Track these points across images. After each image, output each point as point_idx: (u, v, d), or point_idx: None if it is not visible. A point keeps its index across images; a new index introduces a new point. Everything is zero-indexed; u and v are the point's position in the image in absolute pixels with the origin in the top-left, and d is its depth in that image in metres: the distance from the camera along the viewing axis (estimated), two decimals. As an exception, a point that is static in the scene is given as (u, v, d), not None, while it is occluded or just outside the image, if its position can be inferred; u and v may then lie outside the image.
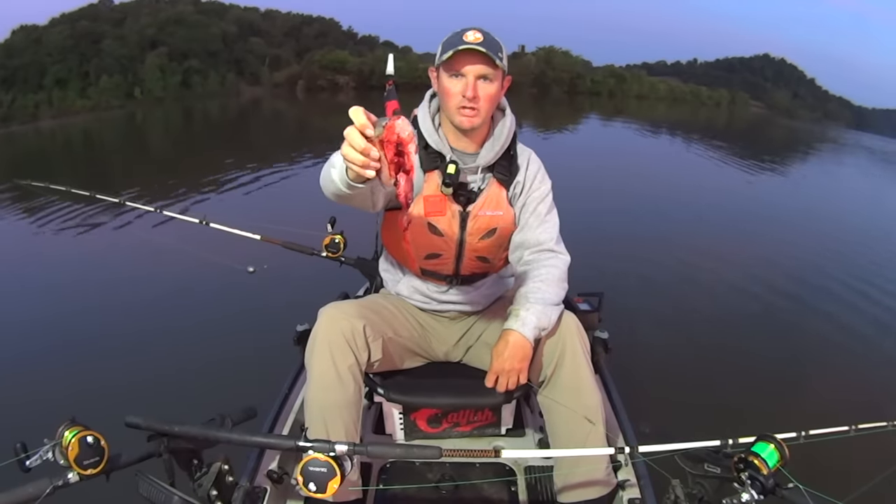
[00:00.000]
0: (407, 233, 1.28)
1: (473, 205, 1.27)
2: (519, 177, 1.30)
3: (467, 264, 1.34)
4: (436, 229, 1.28)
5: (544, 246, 1.31)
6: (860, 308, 4.22)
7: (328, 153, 1.07)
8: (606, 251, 4.67)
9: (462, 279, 1.37)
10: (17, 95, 23.00)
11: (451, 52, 1.14)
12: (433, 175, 1.25)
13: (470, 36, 1.14)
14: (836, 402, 2.74)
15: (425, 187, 1.26)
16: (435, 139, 1.25)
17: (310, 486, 0.81)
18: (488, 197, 1.28)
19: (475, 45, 1.13)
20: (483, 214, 1.28)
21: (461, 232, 1.29)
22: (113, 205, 2.35)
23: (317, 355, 1.21)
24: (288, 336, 1.56)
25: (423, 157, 1.25)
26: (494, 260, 1.37)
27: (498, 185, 1.28)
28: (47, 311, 3.44)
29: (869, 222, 7.91)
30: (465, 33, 1.15)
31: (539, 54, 45.41)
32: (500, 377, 1.23)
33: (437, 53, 1.19)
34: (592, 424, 1.22)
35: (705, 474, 0.98)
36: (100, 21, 30.44)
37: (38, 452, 0.74)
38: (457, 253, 1.31)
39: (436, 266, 1.34)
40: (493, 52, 1.13)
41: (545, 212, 1.31)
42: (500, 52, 1.16)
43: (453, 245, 1.30)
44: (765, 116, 47.48)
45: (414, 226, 1.27)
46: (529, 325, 1.20)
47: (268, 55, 36.83)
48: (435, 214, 1.27)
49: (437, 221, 1.27)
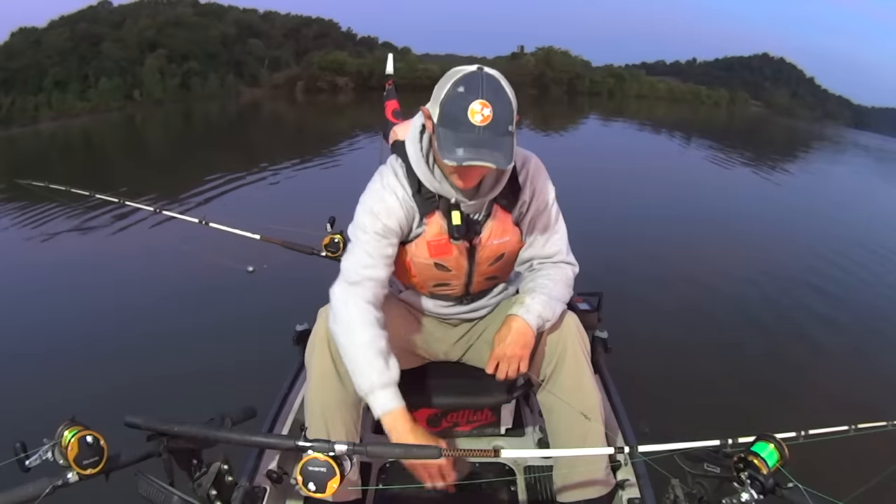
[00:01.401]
0: (412, 270, 1.24)
1: (479, 237, 1.20)
2: (524, 196, 1.21)
3: (477, 285, 1.31)
4: (443, 266, 1.23)
5: (554, 259, 1.28)
6: (860, 308, 4.22)
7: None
8: (606, 251, 4.67)
9: (472, 297, 1.35)
10: (17, 98, 23.03)
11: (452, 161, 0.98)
12: (434, 217, 1.16)
13: (476, 112, 0.95)
14: (836, 402, 2.74)
15: (427, 231, 1.18)
16: (435, 185, 1.13)
17: (309, 485, 0.81)
18: (494, 226, 1.20)
19: (482, 154, 0.96)
20: (490, 244, 1.21)
21: (469, 264, 1.24)
22: (112, 205, 2.36)
23: (317, 355, 1.20)
24: (287, 336, 1.57)
25: (420, 201, 1.15)
26: (503, 275, 1.36)
27: (503, 211, 1.20)
28: (47, 311, 3.45)
29: (868, 222, 7.91)
30: (470, 105, 0.96)
31: (538, 55, 45.50)
32: (501, 363, 1.20)
33: (436, 113, 1.01)
34: (592, 424, 1.22)
35: (705, 474, 0.97)
36: (99, 23, 30.48)
37: (37, 452, 0.73)
38: (466, 280, 1.28)
39: (445, 290, 1.32)
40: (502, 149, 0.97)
41: (552, 224, 1.26)
42: (510, 125, 0.99)
43: (462, 275, 1.26)
44: (764, 116, 47.50)
45: (419, 265, 1.23)
46: (533, 313, 1.18)
47: (267, 57, 36.86)
48: (441, 255, 1.20)
49: (444, 260, 1.22)
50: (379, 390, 1.09)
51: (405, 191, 1.15)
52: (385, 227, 1.15)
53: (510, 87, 1.01)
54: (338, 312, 1.14)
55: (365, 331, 1.11)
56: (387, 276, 1.18)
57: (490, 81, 0.98)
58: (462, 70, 1.00)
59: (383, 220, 1.15)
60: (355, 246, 1.17)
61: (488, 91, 0.97)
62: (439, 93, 1.01)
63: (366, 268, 1.16)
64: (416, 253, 1.20)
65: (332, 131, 16.37)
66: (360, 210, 1.18)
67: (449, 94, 0.99)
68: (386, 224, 1.15)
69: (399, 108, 2.10)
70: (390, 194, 1.15)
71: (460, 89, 0.98)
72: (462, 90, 0.97)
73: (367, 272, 1.15)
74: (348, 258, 1.18)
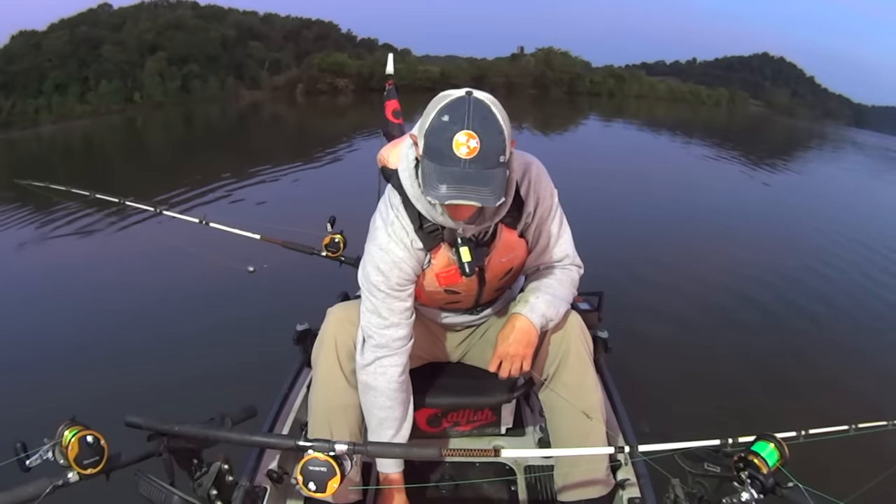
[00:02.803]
0: (422, 296, 1.22)
1: (487, 258, 1.16)
2: (528, 207, 1.16)
3: (486, 297, 1.29)
4: (453, 291, 1.21)
5: (562, 264, 1.27)
6: (860, 308, 4.22)
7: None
8: (607, 251, 4.67)
9: (481, 307, 1.33)
10: (18, 101, 23.06)
11: (435, 203, 0.96)
12: (440, 251, 1.12)
13: (461, 144, 0.87)
14: (836, 402, 2.73)
15: (435, 264, 1.13)
16: (438, 219, 1.05)
17: (309, 485, 0.81)
18: (501, 246, 1.16)
19: (468, 189, 0.88)
20: (498, 262, 1.18)
21: (480, 285, 1.21)
22: (112, 205, 2.36)
23: (323, 356, 1.20)
24: (288, 336, 1.57)
25: (424, 238, 1.09)
26: (514, 284, 1.34)
27: (508, 229, 1.16)
28: (47, 311, 3.45)
29: (869, 222, 7.90)
30: (455, 136, 0.87)
31: (538, 55, 45.46)
32: (504, 362, 1.18)
33: (420, 146, 0.93)
34: (594, 423, 1.22)
35: (705, 473, 0.97)
36: (99, 26, 30.51)
37: (38, 452, 0.74)
38: (476, 298, 1.26)
39: (455, 306, 1.30)
40: (490, 185, 0.88)
41: (557, 230, 1.23)
42: (502, 155, 0.90)
43: (472, 296, 1.24)
44: (764, 115, 47.46)
45: (429, 293, 1.20)
46: (538, 311, 1.17)
47: (267, 59, 36.88)
48: (450, 283, 1.17)
49: (455, 286, 1.18)
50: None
51: (408, 235, 1.10)
52: (398, 283, 1.12)
53: (502, 111, 0.92)
54: (368, 377, 1.18)
55: (387, 402, 1.19)
56: (410, 330, 1.18)
57: (478, 108, 0.89)
58: (449, 96, 0.92)
59: (395, 277, 1.11)
60: (373, 304, 1.14)
61: (475, 120, 0.88)
62: (424, 122, 0.92)
63: (389, 328, 1.15)
64: (425, 284, 1.17)
65: (332, 133, 16.38)
66: (370, 264, 1.13)
67: (433, 125, 0.90)
68: (398, 281, 1.12)
69: (399, 108, 2.11)
70: (397, 245, 1.10)
71: (444, 118, 0.89)
72: (447, 119, 0.89)
73: (392, 332, 1.15)
74: (369, 316, 1.15)
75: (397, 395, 1.20)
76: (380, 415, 1.20)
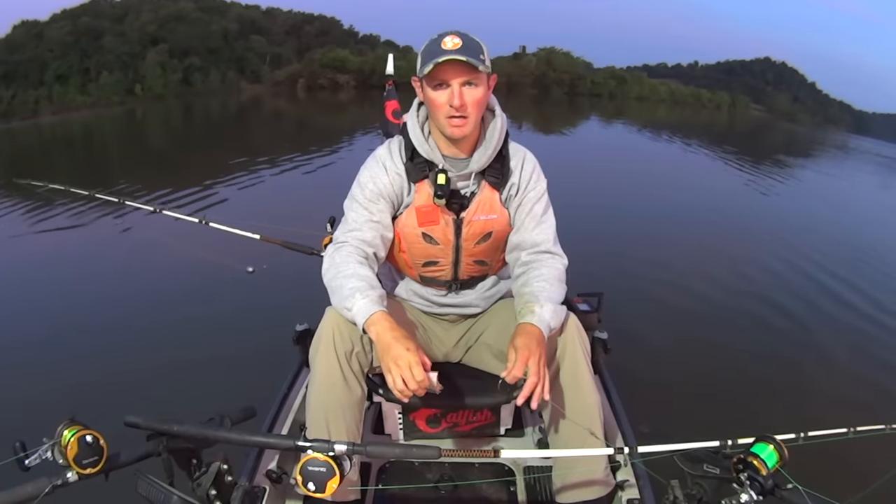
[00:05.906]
0: (402, 243, 1.29)
1: (466, 211, 1.26)
2: (513, 178, 1.28)
3: (465, 269, 1.34)
4: (431, 238, 1.28)
5: (542, 247, 1.29)
6: (860, 309, 4.23)
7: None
8: (606, 251, 4.67)
9: (461, 283, 1.37)
10: (18, 91, 23.01)
11: (431, 64, 1.11)
12: (423, 185, 1.24)
13: (448, 42, 1.11)
14: (835, 404, 2.74)
15: (416, 198, 1.25)
16: (426, 149, 1.22)
17: (309, 485, 0.81)
18: (481, 201, 1.26)
19: (455, 55, 1.09)
20: (477, 219, 1.27)
21: (456, 238, 1.28)
22: (112, 204, 2.35)
23: (321, 355, 1.20)
24: (287, 336, 1.56)
25: (411, 168, 1.24)
26: (492, 262, 1.37)
27: (490, 189, 1.26)
28: (47, 311, 3.44)
29: (869, 224, 7.92)
30: (442, 39, 1.12)
31: (540, 55, 45.47)
32: (531, 363, 1.08)
33: (418, 64, 1.15)
34: (592, 424, 1.22)
35: (704, 475, 0.97)
36: (101, 17, 30.43)
37: (37, 451, 0.73)
38: (454, 259, 1.31)
39: (434, 272, 1.35)
40: (474, 57, 1.10)
41: (541, 212, 1.30)
42: (481, 54, 1.13)
43: (450, 252, 1.30)
44: (765, 120, 47.52)
45: (408, 236, 1.28)
46: (545, 322, 1.18)
47: (269, 53, 36.85)
48: (428, 224, 1.26)
49: (432, 231, 1.27)
50: (360, 297, 1.12)
51: (394, 161, 1.25)
52: (372, 193, 1.24)
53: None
54: (326, 265, 1.22)
55: (350, 265, 1.18)
56: (372, 238, 1.23)
57: (458, 33, 1.13)
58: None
59: (370, 186, 1.24)
60: (346, 216, 1.27)
61: (458, 33, 1.13)
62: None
63: (351, 230, 1.24)
64: (405, 223, 1.26)
65: (332, 129, 16.36)
66: (354, 184, 1.28)
67: (425, 44, 1.15)
68: (372, 190, 1.24)
69: (399, 109, 2.10)
70: (377, 164, 1.26)
71: (434, 37, 1.15)
72: (435, 36, 1.14)
73: (353, 234, 1.23)
74: (340, 227, 1.28)
75: (362, 263, 1.20)
76: (345, 280, 1.16)
